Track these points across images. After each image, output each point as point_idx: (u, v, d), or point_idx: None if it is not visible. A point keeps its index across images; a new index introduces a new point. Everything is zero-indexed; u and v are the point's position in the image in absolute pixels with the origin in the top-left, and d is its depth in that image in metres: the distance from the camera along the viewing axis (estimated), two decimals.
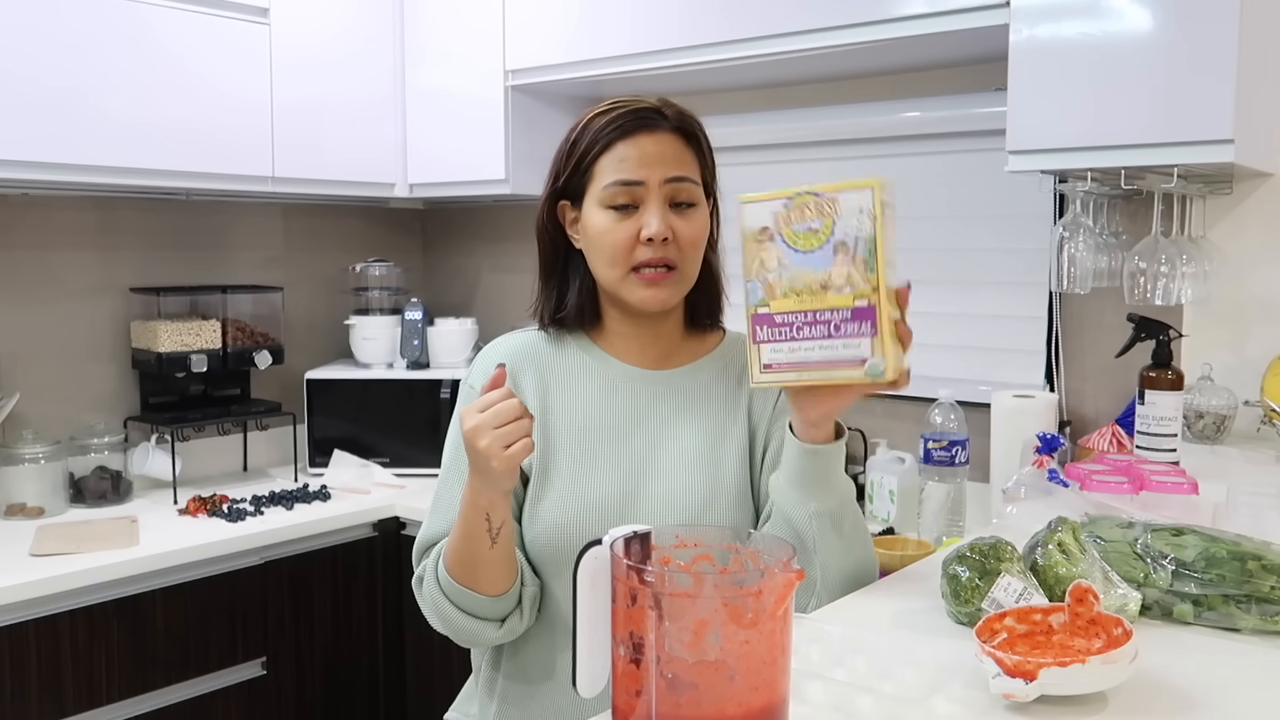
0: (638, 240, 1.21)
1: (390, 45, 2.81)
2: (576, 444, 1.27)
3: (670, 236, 1.21)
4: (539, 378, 1.30)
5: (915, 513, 2.19)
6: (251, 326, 2.76)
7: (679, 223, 1.22)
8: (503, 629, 1.23)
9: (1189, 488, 1.45)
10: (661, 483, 1.25)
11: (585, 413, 1.28)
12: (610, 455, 1.26)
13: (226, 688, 2.25)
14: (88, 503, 2.43)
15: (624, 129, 1.22)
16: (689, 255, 1.24)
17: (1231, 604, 1.08)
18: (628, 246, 1.22)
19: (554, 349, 1.32)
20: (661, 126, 1.24)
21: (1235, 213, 1.98)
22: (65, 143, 2.20)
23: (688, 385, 1.31)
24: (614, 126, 1.23)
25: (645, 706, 0.76)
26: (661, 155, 1.22)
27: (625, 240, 1.22)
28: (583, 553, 0.93)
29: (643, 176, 1.21)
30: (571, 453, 1.26)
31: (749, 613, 0.75)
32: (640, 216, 1.22)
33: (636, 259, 1.22)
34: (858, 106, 2.43)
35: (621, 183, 1.22)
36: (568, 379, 1.30)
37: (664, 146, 1.23)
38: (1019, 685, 0.89)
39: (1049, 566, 1.10)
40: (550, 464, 1.26)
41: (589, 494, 1.24)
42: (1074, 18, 1.74)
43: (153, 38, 2.33)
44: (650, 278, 1.22)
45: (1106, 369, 2.14)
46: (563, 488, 1.25)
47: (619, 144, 1.22)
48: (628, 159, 1.22)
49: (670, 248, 1.22)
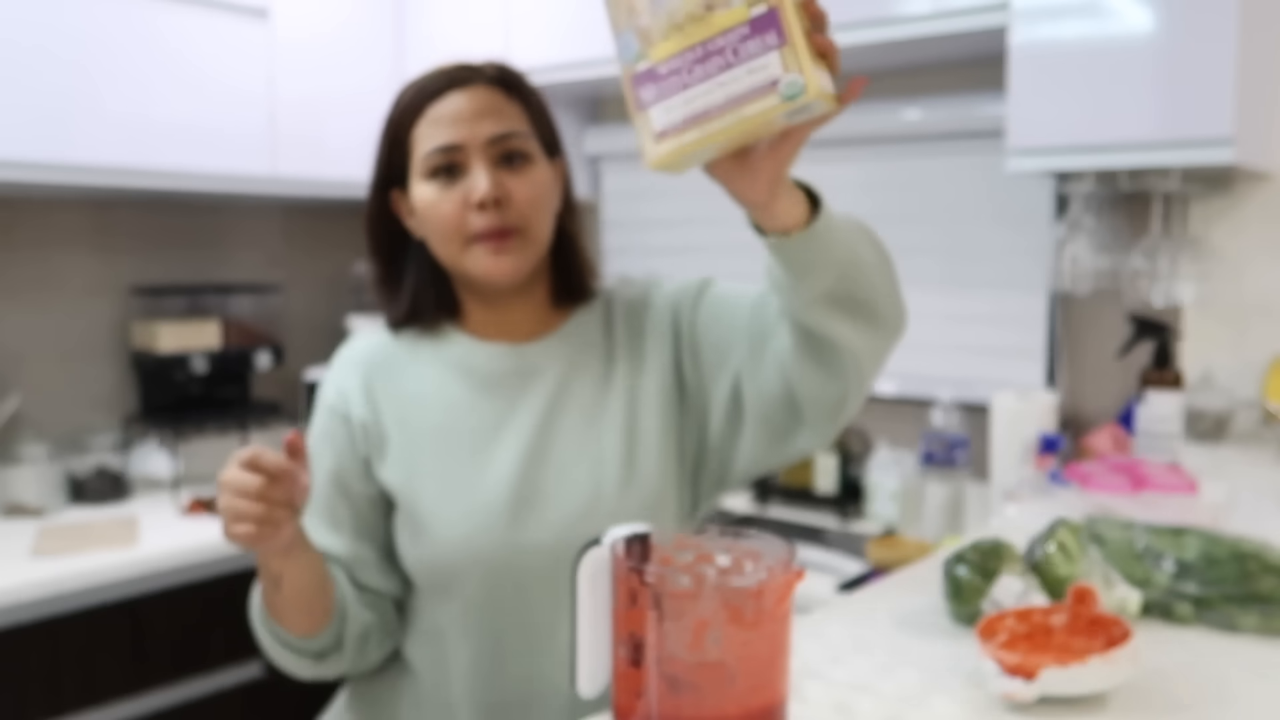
0: (467, 205, 1.08)
1: (391, 44, 2.81)
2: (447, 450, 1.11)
3: (504, 197, 1.08)
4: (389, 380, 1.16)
5: (915, 513, 2.19)
6: (251, 326, 2.76)
7: (512, 180, 1.09)
8: (319, 666, 1.14)
9: (1189, 488, 1.45)
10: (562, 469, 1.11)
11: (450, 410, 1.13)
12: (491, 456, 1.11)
13: (226, 688, 2.25)
14: (88, 503, 2.44)
15: (433, 91, 1.11)
16: (532, 216, 1.10)
17: (1231, 604, 1.08)
18: (458, 215, 1.09)
19: (404, 347, 1.18)
20: (475, 81, 1.11)
21: (1235, 213, 1.98)
22: (65, 143, 2.20)
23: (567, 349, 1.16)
24: (421, 90, 1.11)
25: (645, 707, 0.77)
26: (478, 110, 1.09)
27: (454, 209, 1.09)
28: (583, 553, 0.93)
29: (460, 138, 1.08)
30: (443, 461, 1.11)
31: (749, 613, 0.75)
32: (467, 180, 1.09)
33: (471, 228, 1.08)
34: (858, 106, 2.43)
35: (439, 149, 1.09)
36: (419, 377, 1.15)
37: (480, 101, 1.09)
38: (1019, 685, 0.89)
39: (1049, 567, 1.10)
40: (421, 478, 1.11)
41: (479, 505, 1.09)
42: (1074, 18, 1.75)
43: (153, 36, 2.33)
44: (493, 246, 1.08)
45: (1106, 369, 2.14)
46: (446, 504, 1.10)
47: (430, 107, 1.10)
48: (441, 120, 1.09)
49: (508, 210, 1.08)
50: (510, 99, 1.12)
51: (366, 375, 1.17)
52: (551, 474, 1.11)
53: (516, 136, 1.10)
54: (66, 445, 2.45)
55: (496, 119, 1.10)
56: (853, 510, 2.41)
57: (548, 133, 1.16)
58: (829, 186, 2.78)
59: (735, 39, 0.77)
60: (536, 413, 1.13)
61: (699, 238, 2.73)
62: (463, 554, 1.09)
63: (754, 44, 0.77)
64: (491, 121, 1.09)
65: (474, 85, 1.11)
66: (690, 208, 2.75)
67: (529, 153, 1.12)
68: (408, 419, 1.14)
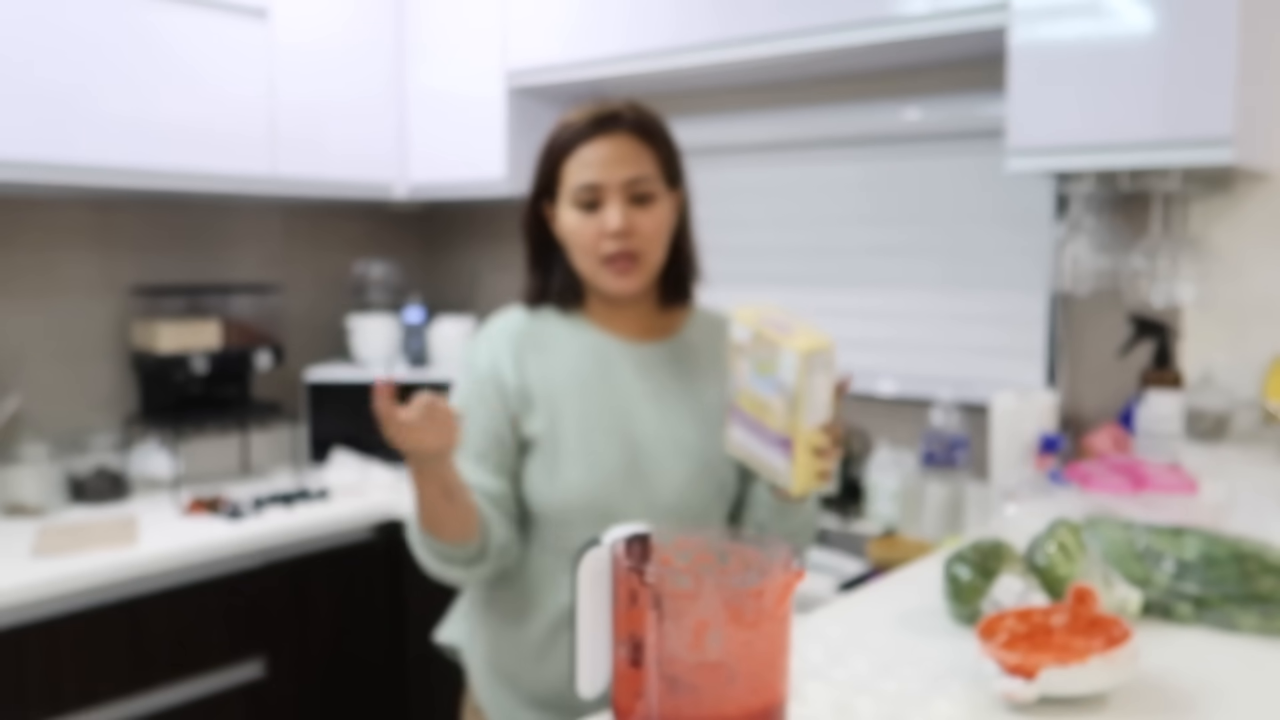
0: (602, 234, 1.34)
1: (390, 45, 2.81)
2: (581, 413, 1.38)
3: (630, 230, 1.34)
4: (538, 351, 1.42)
5: (915, 513, 2.19)
6: (251, 326, 2.76)
7: (639, 216, 1.35)
8: (470, 570, 1.37)
9: (1189, 488, 1.45)
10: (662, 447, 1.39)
11: (584, 383, 1.40)
12: (614, 424, 1.38)
13: (226, 688, 2.25)
14: (88, 503, 2.44)
15: (584, 134, 1.35)
16: (650, 245, 1.37)
17: (1231, 604, 1.08)
18: (594, 240, 1.35)
19: (543, 327, 1.44)
20: (618, 129, 1.35)
21: (1235, 213, 1.98)
22: (65, 143, 2.20)
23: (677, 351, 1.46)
24: (575, 132, 1.36)
25: (645, 707, 0.77)
26: (620, 157, 1.34)
27: (592, 235, 1.35)
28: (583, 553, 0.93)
29: (602, 179, 1.34)
30: (578, 422, 1.38)
31: (749, 613, 0.75)
32: (604, 213, 1.35)
33: (603, 251, 1.35)
34: (858, 106, 2.43)
35: (584, 185, 1.35)
36: (560, 352, 1.42)
37: (622, 148, 1.35)
38: (1019, 685, 0.89)
39: (1049, 566, 1.10)
40: (560, 433, 1.38)
41: (601, 462, 1.36)
42: (1074, 18, 1.75)
43: (153, 37, 2.33)
44: (618, 269, 1.36)
45: (1106, 369, 2.14)
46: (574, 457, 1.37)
47: (581, 148, 1.35)
48: (590, 163, 1.35)
49: (632, 239, 1.35)
50: (644, 144, 1.37)
51: (517, 347, 1.42)
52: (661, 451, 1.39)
53: (645, 180, 1.36)
54: (66, 445, 2.45)
55: (632, 165, 1.35)
56: (853, 510, 2.41)
57: (672, 168, 1.41)
58: (829, 186, 2.79)
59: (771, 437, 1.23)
60: (648, 399, 1.41)
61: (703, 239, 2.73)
62: (585, 498, 1.36)
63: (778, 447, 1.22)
64: (628, 167, 1.35)
65: (616, 132, 1.35)
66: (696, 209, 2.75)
67: (654, 193, 1.37)
68: (551, 384, 1.40)
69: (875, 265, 2.49)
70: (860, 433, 2.48)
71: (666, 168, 1.39)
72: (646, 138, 1.37)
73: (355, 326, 2.90)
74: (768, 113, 2.59)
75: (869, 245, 2.50)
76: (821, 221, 2.56)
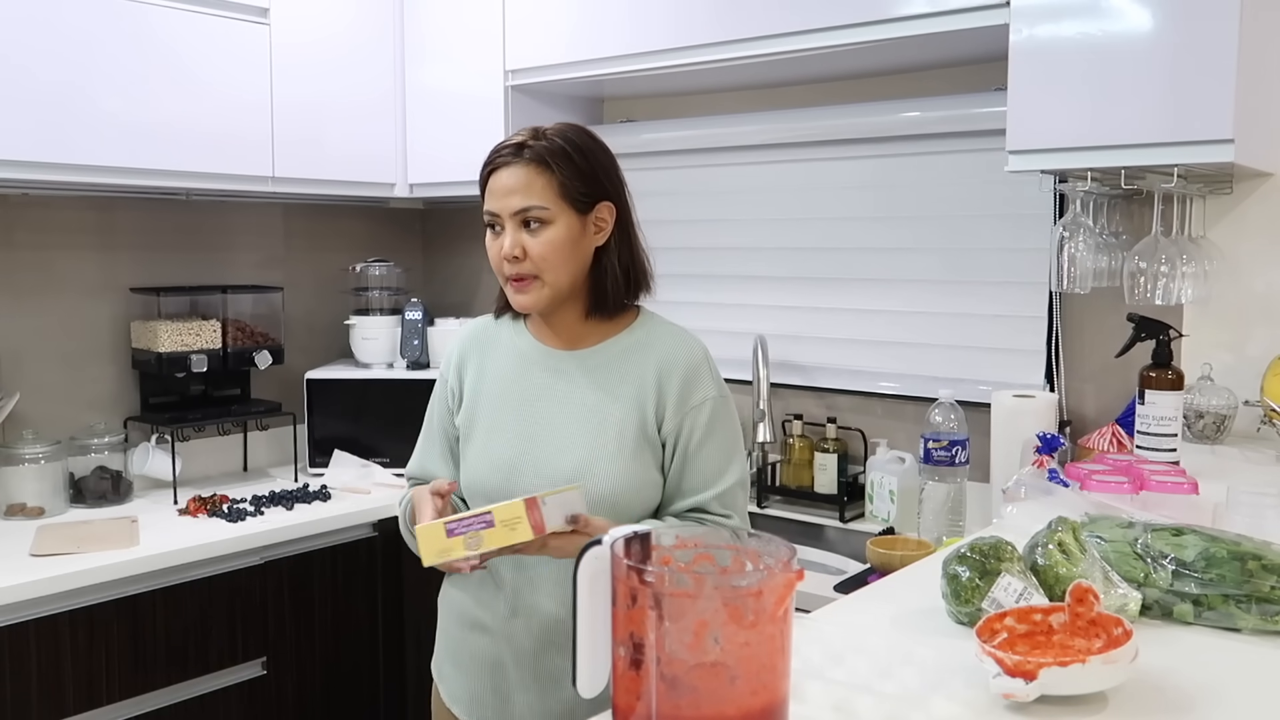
0: (502, 257, 1.47)
1: (390, 45, 2.81)
2: (492, 410, 1.54)
3: (521, 254, 1.45)
4: (480, 355, 1.60)
5: (915, 513, 2.19)
6: (251, 326, 2.76)
7: (529, 241, 1.45)
8: None
9: (1189, 488, 1.45)
10: (547, 446, 1.49)
11: (503, 384, 1.55)
12: (512, 421, 1.52)
13: (226, 688, 2.25)
14: (88, 503, 2.44)
15: (491, 164, 1.48)
16: (543, 266, 1.46)
17: (1231, 604, 1.08)
18: (497, 261, 1.49)
19: (496, 332, 1.61)
20: (517, 161, 1.45)
21: (1235, 213, 1.98)
22: (65, 143, 2.20)
23: (587, 363, 1.54)
24: (487, 164, 1.49)
25: (645, 707, 0.76)
26: (511, 188, 1.45)
27: (495, 257, 1.49)
28: (583, 553, 0.93)
29: (498, 208, 1.46)
30: (487, 418, 1.55)
31: (749, 613, 0.75)
32: (501, 238, 1.48)
33: (505, 271, 1.48)
34: (858, 106, 2.43)
35: (488, 212, 1.49)
36: (496, 356, 1.58)
37: (514, 179, 1.45)
38: (1019, 685, 0.89)
39: (1049, 566, 1.10)
40: (473, 426, 1.56)
41: (493, 454, 1.52)
42: (1074, 18, 1.74)
43: (153, 38, 2.33)
44: (516, 286, 1.48)
45: (1106, 369, 2.14)
46: (478, 447, 1.54)
47: (490, 179, 1.48)
48: (493, 191, 1.47)
49: (523, 264, 1.46)
50: (541, 172, 1.45)
51: (463, 349, 1.62)
52: (548, 449, 1.49)
53: (535, 209, 1.45)
54: (66, 445, 2.45)
55: (523, 195, 1.45)
56: (853, 510, 2.41)
57: (579, 191, 1.47)
58: (829, 186, 2.79)
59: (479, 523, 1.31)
60: (553, 401, 1.52)
61: (698, 238, 2.73)
62: (479, 485, 1.52)
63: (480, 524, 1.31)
64: (518, 196, 1.45)
65: (515, 163, 1.46)
66: (691, 209, 2.75)
67: (545, 219, 1.46)
68: (476, 384, 1.58)
69: (875, 265, 2.49)
70: (860, 433, 2.48)
71: (568, 192, 1.46)
72: (545, 166, 1.45)
73: (355, 326, 2.90)
74: (768, 113, 2.59)
75: (868, 245, 2.50)
76: (821, 221, 2.56)
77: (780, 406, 2.59)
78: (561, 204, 1.46)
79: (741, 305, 2.68)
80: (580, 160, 1.48)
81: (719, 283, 2.71)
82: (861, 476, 2.44)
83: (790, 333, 2.61)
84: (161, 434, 2.56)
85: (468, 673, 1.56)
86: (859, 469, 2.46)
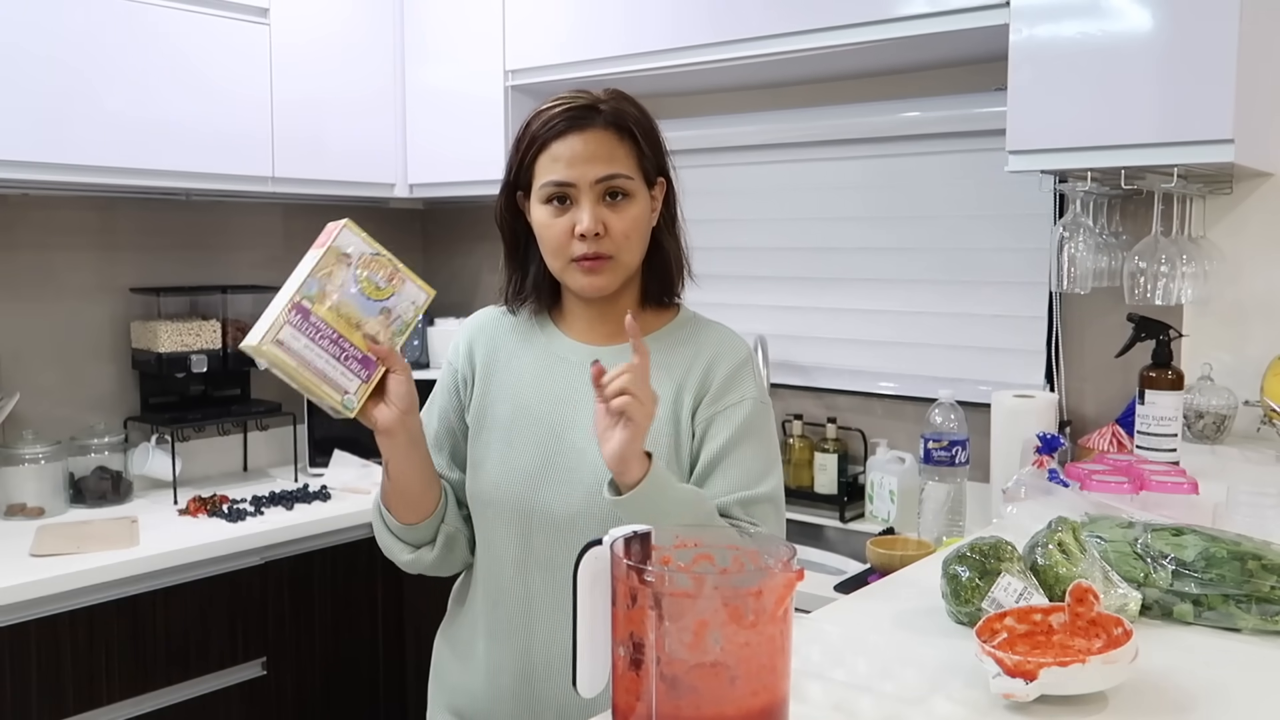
0: (573, 235, 1.28)
1: (390, 45, 2.81)
2: (510, 413, 1.37)
3: (602, 230, 1.28)
4: (490, 349, 1.42)
5: (915, 513, 2.19)
6: (251, 326, 2.75)
7: (611, 216, 1.29)
8: (416, 554, 1.40)
9: (1189, 488, 1.45)
10: (572, 453, 1.33)
11: (527, 385, 1.38)
12: (536, 426, 1.35)
13: (226, 688, 2.25)
14: (88, 503, 2.43)
15: (557, 129, 1.29)
16: (623, 244, 1.30)
17: (1231, 604, 1.08)
18: (564, 240, 1.30)
19: (511, 325, 1.44)
20: (594, 124, 1.29)
21: (1235, 213, 1.98)
22: (65, 143, 2.20)
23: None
24: (549, 127, 1.29)
25: (645, 707, 0.76)
26: (592, 154, 1.28)
27: (561, 234, 1.29)
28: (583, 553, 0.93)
29: (573, 177, 1.28)
30: (504, 420, 1.37)
31: (749, 613, 0.75)
32: (574, 212, 1.29)
33: (573, 251, 1.29)
34: (858, 106, 2.43)
35: (554, 183, 1.29)
36: (518, 353, 1.41)
37: (595, 145, 1.28)
38: (1019, 685, 0.89)
39: (1049, 566, 1.10)
40: (486, 427, 1.39)
41: (514, 462, 1.35)
42: (1074, 18, 1.74)
43: (153, 38, 2.33)
44: (587, 267, 1.30)
45: (1106, 369, 2.14)
46: (498, 454, 1.36)
47: (553, 144, 1.29)
48: (560, 159, 1.28)
49: (604, 241, 1.29)
50: (620, 140, 1.30)
51: (472, 339, 1.44)
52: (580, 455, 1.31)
53: (619, 178, 1.29)
54: (66, 445, 2.45)
55: (605, 163, 1.28)
56: (853, 510, 2.42)
57: (651, 163, 1.34)
58: (828, 186, 2.79)
59: (353, 354, 1.24)
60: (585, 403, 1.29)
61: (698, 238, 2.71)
62: (499, 495, 1.35)
63: (357, 365, 1.24)
64: (600, 165, 1.28)
65: (592, 129, 1.29)
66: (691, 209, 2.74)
67: (629, 191, 1.30)
68: (488, 380, 1.41)
69: (875, 265, 2.49)
70: (860, 433, 2.48)
71: (644, 163, 1.32)
72: (626, 133, 1.31)
73: None
74: (768, 113, 2.59)
75: (868, 245, 2.50)
76: (821, 221, 2.56)
77: (780, 407, 2.59)
78: (639, 176, 1.31)
79: (741, 305, 2.67)
80: (650, 128, 1.34)
81: (719, 283, 2.70)
82: (861, 477, 2.44)
83: (790, 333, 2.61)
84: (161, 434, 2.56)
85: None
86: (859, 469, 2.46)
